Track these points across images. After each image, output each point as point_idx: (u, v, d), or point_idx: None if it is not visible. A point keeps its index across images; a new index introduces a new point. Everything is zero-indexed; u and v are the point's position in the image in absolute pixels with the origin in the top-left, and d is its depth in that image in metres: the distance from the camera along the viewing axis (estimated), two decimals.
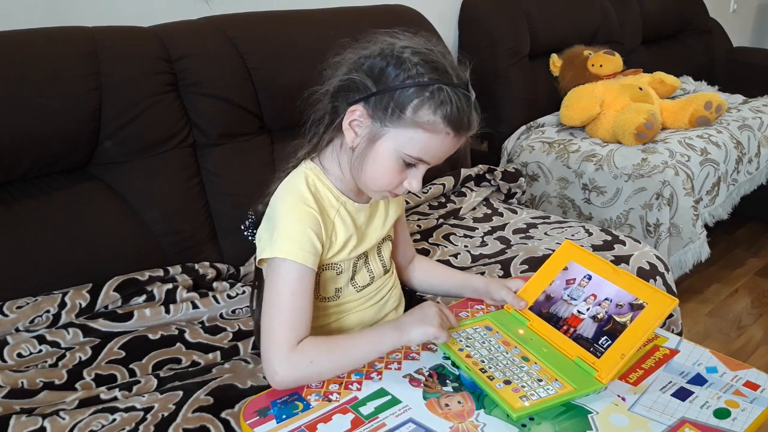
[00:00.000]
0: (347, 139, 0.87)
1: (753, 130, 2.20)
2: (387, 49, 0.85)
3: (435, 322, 0.85)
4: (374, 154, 0.86)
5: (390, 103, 0.82)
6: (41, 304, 1.13)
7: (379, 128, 0.84)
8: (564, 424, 0.76)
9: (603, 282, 0.92)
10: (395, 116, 0.82)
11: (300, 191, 0.89)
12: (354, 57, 0.87)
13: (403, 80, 0.82)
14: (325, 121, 0.90)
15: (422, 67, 0.82)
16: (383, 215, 1.00)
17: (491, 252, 1.43)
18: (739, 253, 2.50)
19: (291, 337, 0.83)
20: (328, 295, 0.96)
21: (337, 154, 0.91)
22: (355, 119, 0.86)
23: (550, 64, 2.35)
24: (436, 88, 0.82)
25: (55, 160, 1.24)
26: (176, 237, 1.33)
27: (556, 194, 2.08)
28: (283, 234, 0.85)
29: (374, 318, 1.01)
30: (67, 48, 1.25)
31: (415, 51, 0.84)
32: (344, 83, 0.86)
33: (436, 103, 0.82)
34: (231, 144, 1.42)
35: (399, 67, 0.82)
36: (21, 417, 0.89)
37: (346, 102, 0.86)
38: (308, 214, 0.87)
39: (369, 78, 0.84)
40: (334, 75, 0.89)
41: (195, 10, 1.54)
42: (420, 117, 0.82)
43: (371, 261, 0.99)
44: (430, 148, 0.85)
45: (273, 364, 0.82)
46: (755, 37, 3.89)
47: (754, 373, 0.85)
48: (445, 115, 0.82)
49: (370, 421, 0.77)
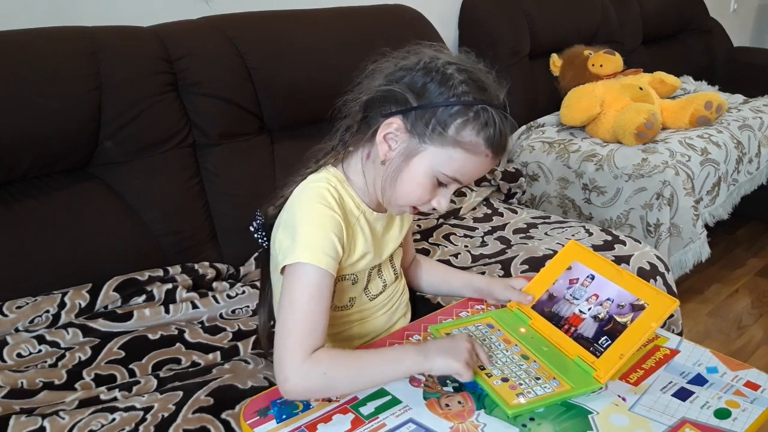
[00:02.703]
0: (379, 152, 0.84)
1: (753, 130, 2.20)
2: (431, 64, 0.82)
3: (462, 358, 0.79)
4: (409, 170, 0.83)
5: (432, 119, 0.80)
6: (41, 304, 1.13)
7: (416, 144, 0.82)
8: (564, 425, 0.76)
9: (606, 282, 0.92)
10: (436, 133, 0.80)
11: (323, 195, 0.85)
12: (392, 67, 0.85)
13: (447, 98, 0.80)
14: (353, 129, 0.87)
15: (467, 85, 0.80)
16: (399, 225, 0.98)
17: (491, 252, 1.43)
18: (740, 253, 2.50)
19: (306, 344, 0.79)
20: (342, 304, 0.93)
21: (362, 165, 0.88)
22: (390, 132, 0.83)
23: (551, 64, 2.35)
24: (481, 108, 0.80)
25: (55, 160, 1.24)
26: (176, 237, 1.33)
27: (556, 194, 2.08)
28: (305, 238, 0.81)
29: (385, 325, 0.99)
30: (67, 48, 1.25)
31: (461, 68, 0.82)
32: (381, 94, 0.83)
33: (481, 124, 0.80)
34: (231, 144, 1.42)
35: (444, 84, 0.80)
36: (21, 417, 0.89)
37: (381, 114, 0.83)
38: (331, 218, 0.83)
39: (410, 91, 0.81)
40: (370, 84, 0.86)
41: (195, 10, 1.54)
42: (463, 137, 0.80)
43: (384, 269, 0.97)
44: (467, 168, 0.83)
45: (285, 371, 0.78)
46: (755, 37, 3.89)
47: (754, 373, 0.85)
48: (487, 137, 0.80)
49: (370, 421, 0.77)
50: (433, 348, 0.81)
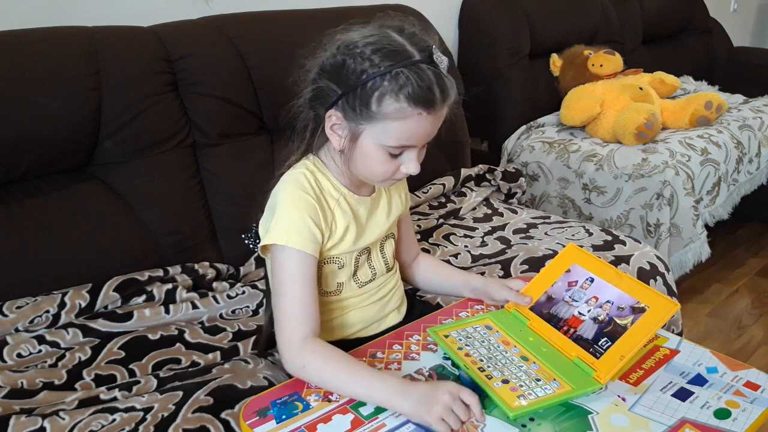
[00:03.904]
0: (333, 143, 0.89)
1: (753, 130, 2.20)
2: (341, 48, 0.84)
3: (434, 412, 0.74)
4: (360, 151, 0.86)
5: (356, 101, 0.82)
6: (41, 304, 1.13)
7: (355, 127, 0.85)
8: (564, 425, 0.76)
9: (605, 285, 0.92)
10: (363, 113, 0.83)
11: (298, 180, 0.89)
12: (317, 62, 0.88)
13: (359, 76, 0.81)
14: (310, 127, 0.91)
15: (375, 56, 0.81)
16: (386, 209, 1.00)
17: (491, 252, 1.43)
18: (740, 253, 2.50)
19: (295, 327, 0.84)
20: (330, 289, 0.96)
21: (332, 155, 0.92)
22: (334, 124, 0.86)
23: (551, 64, 2.35)
24: (392, 74, 0.80)
25: (55, 160, 1.24)
26: (176, 237, 1.33)
27: (556, 194, 2.08)
28: (280, 220, 0.86)
29: (376, 316, 1.00)
30: (67, 48, 1.25)
31: (367, 42, 0.83)
32: (315, 92, 0.87)
33: (396, 89, 0.80)
34: (231, 144, 1.42)
35: (354, 63, 0.82)
36: (21, 417, 0.89)
37: (324, 108, 0.86)
38: (306, 201, 0.87)
39: (333, 81, 0.84)
40: (306, 85, 0.89)
41: (195, 10, 1.54)
42: (385, 108, 0.81)
43: (374, 257, 0.99)
44: (407, 133, 0.84)
45: (281, 351, 0.85)
46: (755, 37, 3.89)
47: (754, 374, 0.85)
48: (409, 98, 0.80)
49: (370, 421, 0.77)
50: (415, 392, 0.77)
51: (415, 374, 0.86)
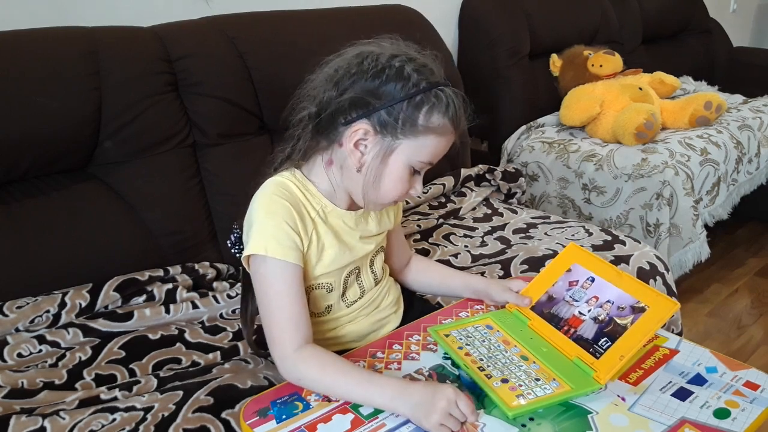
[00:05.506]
0: (351, 161, 0.85)
1: (753, 130, 2.20)
2: (377, 62, 0.83)
3: (433, 421, 0.74)
4: (388, 169, 0.85)
5: (400, 114, 0.82)
6: (41, 304, 1.13)
7: (391, 142, 0.84)
8: (564, 424, 0.76)
9: (606, 284, 0.92)
10: (407, 127, 0.83)
11: (277, 182, 0.89)
12: (333, 74, 0.85)
13: (407, 91, 0.82)
14: (307, 138, 0.89)
15: (419, 73, 0.83)
16: (376, 224, 0.97)
17: (491, 252, 1.43)
18: (739, 253, 2.50)
19: (286, 338, 0.82)
20: (319, 311, 0.95)
21: (325, 170, 0.90)
22: (360, 139, 0.84)
23: (550, 64, 2.35)
24: (437, 91, 0.83)
25: (55, 160, 1.24)
26: (176, 237, 1.33)
27: (556, 194, 2.08)
28: (258, 230, 0.84)
29: (370, 328, 1.00)
30: (67, 48, 1.25)
31: (406, 59, 0.83)
32: (337, 104, 0.84)
33: (443, 105, 0.83)
34: (231, 144, 1.42)
35: (399, 79, 0.82)
36: (21, 417, 0.89)
37: (341, 123, 0.84)
38: (281, 205, 0.85)
39: (369, 94, 0.82)
40: (315, 93, 0.87)
41: (195, 10, 1.54)
42: (432, 122, 0.83)
43: (363, 275, 0.98)
44: (438, 149, 0.87)
45: (277, 363, 0.84)
46: (755, 37, 3.89)
47: (754, 373, 0.85)
48: (452, 116, 0.84)
49: (370, 421, 0.77)
50: (413, 397, 0.77)
51: (415, 374, 0.86)
